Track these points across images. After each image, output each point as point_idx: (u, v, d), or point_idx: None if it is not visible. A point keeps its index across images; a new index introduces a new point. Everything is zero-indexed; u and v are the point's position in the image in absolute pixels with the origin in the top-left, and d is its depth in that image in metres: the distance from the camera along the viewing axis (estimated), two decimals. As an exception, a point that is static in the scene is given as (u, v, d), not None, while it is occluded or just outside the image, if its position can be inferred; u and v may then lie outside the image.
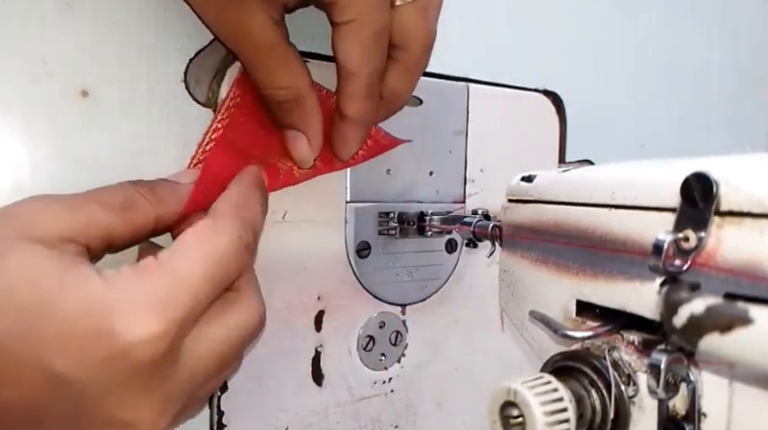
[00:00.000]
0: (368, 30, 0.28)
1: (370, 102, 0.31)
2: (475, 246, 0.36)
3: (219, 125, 0.31)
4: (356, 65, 0.29)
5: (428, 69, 0.33)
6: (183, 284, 0.23)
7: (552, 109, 0.47)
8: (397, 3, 0.29)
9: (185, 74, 0.32)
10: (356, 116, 0.31)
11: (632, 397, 0.23)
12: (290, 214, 0.35)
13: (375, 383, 0.39)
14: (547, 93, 0.47)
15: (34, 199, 0.24)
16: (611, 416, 0.23)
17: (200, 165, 0.31)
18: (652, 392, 0.22)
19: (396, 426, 0.40)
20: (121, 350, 0.21)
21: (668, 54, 0.58)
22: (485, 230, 0.33)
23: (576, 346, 0.25)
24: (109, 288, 0.22)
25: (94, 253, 0.25)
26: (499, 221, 0.31)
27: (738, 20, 0.64)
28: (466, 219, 0.35)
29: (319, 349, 0.37)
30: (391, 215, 0.39)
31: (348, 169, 0.37)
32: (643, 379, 0.23)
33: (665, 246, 0.20)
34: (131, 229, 0.26)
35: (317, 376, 0.37)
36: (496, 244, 0.32)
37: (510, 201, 0.30)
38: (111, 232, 0.25)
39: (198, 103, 0.32)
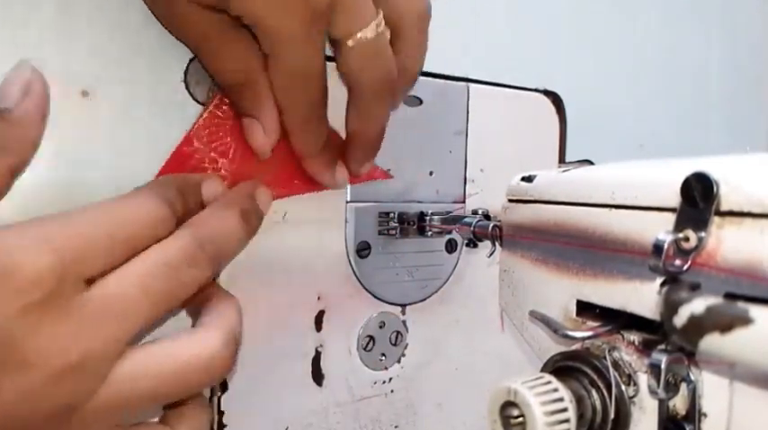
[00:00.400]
0: (288, 66, 0.27)
1: (307, 136, 0.31)
2: (475, 245, 0.36)
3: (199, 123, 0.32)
4: (281, 100, 0.29)
5: (428, 69, 0.33)
6: (71, 224, 0.22)
7: (552, 109, 0.47)
8: (349, 43, 0.28)
9: (185, 74, 0.32)
10: (300, 151, 0.31)
11: (633, 397, 0.23)
12: (290, 214, 0.35)
13: (375, 383, 0.39)
14: (547, 93, 0.47)
15: None
16: (612, 416, 0.23)
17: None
18: (652, 392, 0.22)
19: (396, 426, 0.40)
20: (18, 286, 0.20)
21: (668, 54, 0.58)
22: (485, 230, 0.33)
23: (576, 346, 0.25)
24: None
25: None
26: (499, 221, 0.31)
27: (738, 20, 0.64)
28: (466, 219, 0.35)
29: (319, 349, 0.37)
30: (391, 215, 0.39)
31: (348, 169, 0.37)
32: (643, 379, 0.23)
33: (666, 245, 0.20)
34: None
35: (317, 376, 0.37)
36: (496, 244, 0.32)
37: (510, 201, 0.30)
38: None
39: (198, 103, 0.32)
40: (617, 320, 0.24)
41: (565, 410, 0.22)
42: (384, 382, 0.39)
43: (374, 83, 0.30)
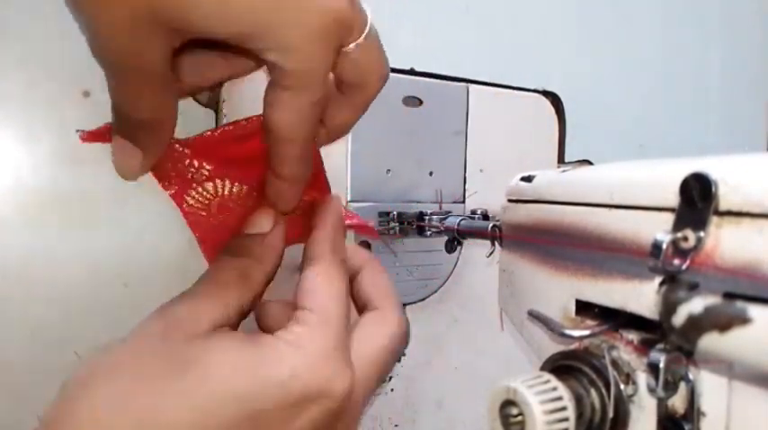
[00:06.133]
0: (307, 98, 0.26)
1: (304, 163, 0.30)
2: (459, 244, 0.37)
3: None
4: (293, 131, 0.28)
5: (428, 70, 0.33)
6: (337, 328, 0.26)
7: (551, 109, 0.47)
8: (349, 47, 0.27)
9: (186, 74, 0.32)
10: (291, 177, 0.30)
11: (631, 396, 0.23)
12: (290, 214, 0.35)
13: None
14: (546, 93, 0.47)
15: (178, 302, 0.26)
16: (611, 414, 0.23)
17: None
18: (651, 391, 0.22)
19: (396, 425, 0.40)
20: (340, 403, 0.25)
21: (667, 54, 0.58)
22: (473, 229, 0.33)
23: (575, 346, 0.25)
24: (301, 351, 0.25)
25: (235, 326, 0.27)
26: (498, 221, 0.31)
27: (737, 20, 0.64)
28: (449, 219, 0.36)
29: (319, 348, 0.37)
30: (391, 215, 0.39)
31: (349, 169, 0.37)
32: (642, 378, 0.23)
33: (664, 245, 0.20)
34: (251, 295, 0.28)
35: (317, 375, 0.37)
36: (496, 244, 0.32)
37: (510, 201, 0.30)
38: (241, 306, 0.27)
39: (199, 103, 0.32)
40: (616, 319, 0.24)
41: (564, 409, 0.22)
42: (384, 381, 0.40)
43: (381, 75, 0.30)
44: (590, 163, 0.49)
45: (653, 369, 0.22)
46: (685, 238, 0.20)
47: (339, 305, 0.27)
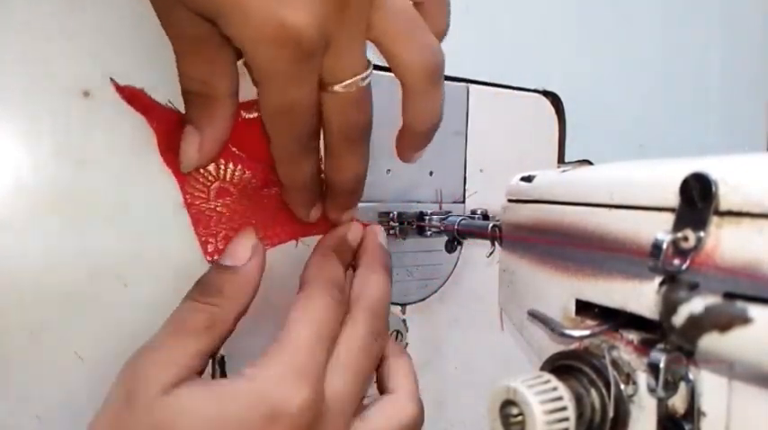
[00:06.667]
0: (274, 100, 0.26)
1: (291, 168, 0.30)
2: (459, 244, 0.38)
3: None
4: (268, 130, 0.28)
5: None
6: (301, 349, 0.26)
7: (551, 109, 0.47)
8: (327, 89, 0.27)
9: (186, 74, 0.32)
10: (282, 181, 0.31)
11: (631, 396, 0.23)
12: (290, 214, 0.35)
13: (375, 382, 0.39)
14: (546, 93, 0.47)
15: (143, 358, 0.26)
16: (611, 414, 0.23)
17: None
18: (651, 391, 0.22)
19: (395, 426, 0.40)
20: (290, 423, 0.25)
21: (667, 54, 0.58)
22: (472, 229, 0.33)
23: (575, 345, 0.25)
24: (254, 383, 0.25)
25: (202, 370, 0.27)
26: (498, 221, 0.31)
27: (737, 20, 0.64)
28: (449, 219, 0.36)
29: (319, 348, 0.37)
30: (391, 215, 0.39)
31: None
32: (642, 378, 0.23)
33: (665, 245, 0.20)
34: (220, 339, 0.28)
35: (318, 375, 0.37)
36: (496, 244, 0.32)
37: (509, 201, 0.30)
38: (208, 352, 0.27)
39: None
40: (616, 319, 0.24)
41: (564, 409, 0.22)
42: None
43: (347, 133, 0.29)
44: (590, 163, 0.49)
45: (653, 369, 0.22)
46: (685, 238, 0.20)
47: (305, 328, 0.27)
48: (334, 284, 0.30)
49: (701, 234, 0.20)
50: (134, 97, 0.30)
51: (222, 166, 0.32)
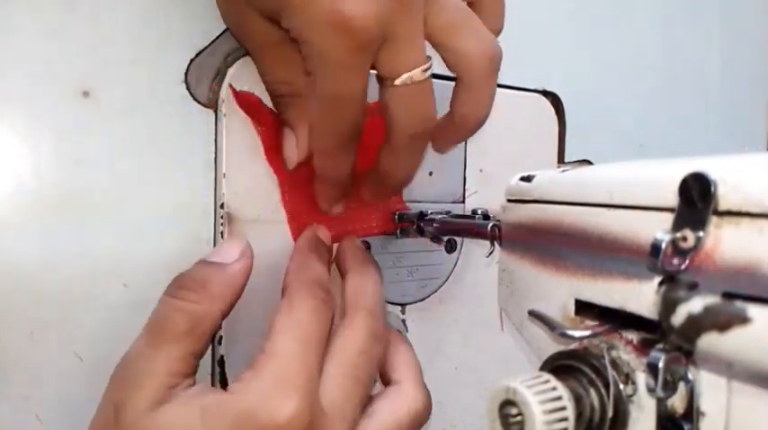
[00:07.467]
0: (325, 89, 0.27)
1: (329, 161, 0.31)
2: (459, 244, 0.39)
3: None
4: (313, 119, 0.29)
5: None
6: (287, 358, 0.26)
7: (551, 109, 0.47)
8: (387, 82, 0.28)
9: (186, 74, 0.32)
10: (316, 171, 0.32)
11: (631, 396, 0.23)
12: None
13: (376, 382, 0.39)
14: (546, 93, 0.47)
15: (121, 374, 0.26)
16: (610, 414, 0.23)
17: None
18: (650, 391, 0.22)
19: (395, 426, 0.40)
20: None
21: (667, 54, 0.58)
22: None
23: (574, 345, 0.25)
24: (241, 397, 0.25)
25: (192, 372, 0.27)
26: (498, 221, 0.31)
27: (737, 20, 0.64)
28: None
29: (319, 348, 0.37)
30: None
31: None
32: (642, 378, 0.23)
33: (664, 245, 0.20)
34: (205, 339, 0.27)
35: (317, 375, 0.37)
36: (496, 244, 0.32)
37: (509, 201, 0.30)
38: (193, 353, 0.27)
39: (199, 103, 0.32)
40: (615, 319, 0.24)
41: (563, 409, 0.22)
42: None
43: (408, 127, 0.29)
44: (590, 163, 0.49)
45: (652, 369, 0.22)
46: (684, 238, 0.20)
47: (289, 335, 0.26)
48: (316, 284, 0.29)
49: (701, 234, 0.20)
50: (247, 102, 0.32)
51: None
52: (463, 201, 0.42)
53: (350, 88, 0.27)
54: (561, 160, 0.49)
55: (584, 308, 0.25)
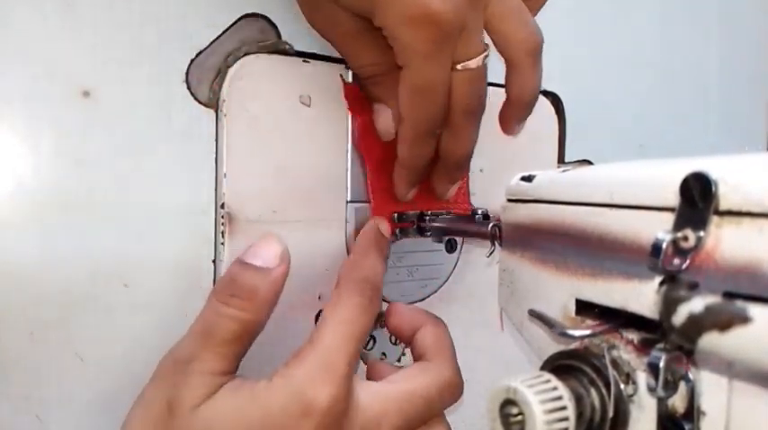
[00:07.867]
0: (415, 79, 0.30)
1: (416, 148, 0.33)
2: (459, 244, 0.39)
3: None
4: (404, 110, 0.31)
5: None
6: (330, 348, 0.28)
7: (551, 109, 0.47)
8: (458, 66, 0.30)
9: (187, 74, 0.32)
10: (402, 159, 0.34)
11: (631, 395, 0.23)
12: (291, 214, 0.35)
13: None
14: (546, 93, 0.47)
15: (173, 370, 0.27)
16: (611, 414, 0.23)
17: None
18: (651, 391, 0.22)
19: (396, 426, 0.40)
20: (321, 418, 0.26)
21: (667, 53, 0.58)
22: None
23: (575, 345, 0.25)
24: (289, 380, 0.27)
25: (236, 369, 0.29)
26: (499, 221, 0.31)
27: (737, 19, 0.64)
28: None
29: (319, 348, 0.37)
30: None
31: (348, 169, 0.37)
32: (642, 377, 0.23)
33: (664, 245, 0.20)
34: (250, 343, 0.29)
35: (318, 375, 0.37)
36: (496, 244, 0.32)
37: (509, 200, 0.30)
38: (239, 355, 0.28)
39: (200, 103, 0.32)
40: (616, 319, 0.24)
41: (564, 408, 0.22)
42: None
43: (469, 106, 0.32)
44: (590, 163, 0.49)
45: (653, 368, 0.22)
46: (685, 238, 0.20)
47: (334, 328, 0.28)
48: (366, 282, 0.31)
49: (701, 233, 0.20)
50: (353, 93, 0.36)
51: None
52: (463, 201, 0.42)
53: (437, 77, 0.30)
54: (561, 160, 0.49)
55: (584, 307, 0.25)
